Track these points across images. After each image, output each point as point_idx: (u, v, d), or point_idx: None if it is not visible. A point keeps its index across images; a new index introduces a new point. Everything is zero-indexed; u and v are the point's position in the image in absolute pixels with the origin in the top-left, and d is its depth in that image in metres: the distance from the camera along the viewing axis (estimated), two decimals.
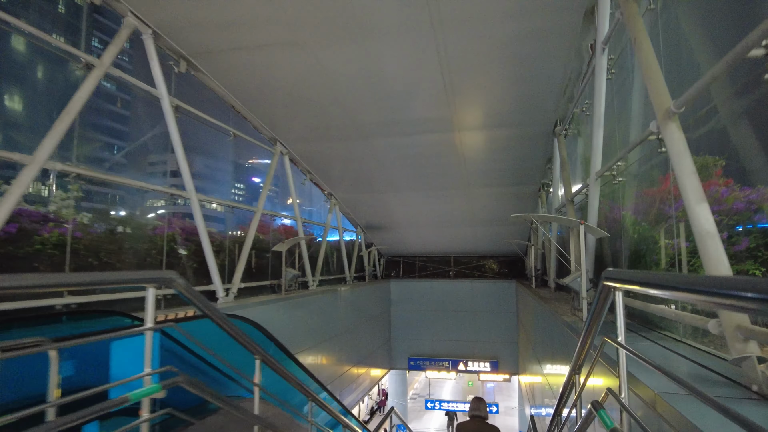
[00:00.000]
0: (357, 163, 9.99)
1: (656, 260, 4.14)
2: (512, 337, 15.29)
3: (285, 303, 8.14)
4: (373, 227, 14.60)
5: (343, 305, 11.11)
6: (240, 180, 7.44)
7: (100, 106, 5.26)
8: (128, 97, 6.50)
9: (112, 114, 12.66)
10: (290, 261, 9.30)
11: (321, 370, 9.55)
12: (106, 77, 5.22)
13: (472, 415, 5.53)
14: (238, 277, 7.61)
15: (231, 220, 8.60)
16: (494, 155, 9.23)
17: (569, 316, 5.06)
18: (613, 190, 5.55)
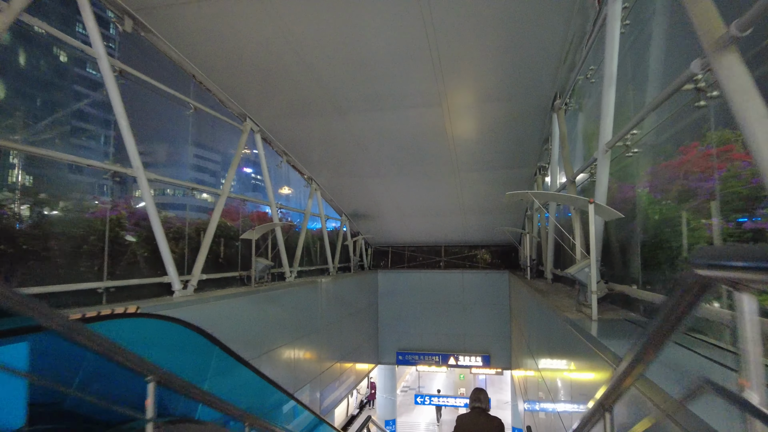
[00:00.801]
0: (337, 144, 9.13)
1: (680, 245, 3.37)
2: (504, 330, 14.60)
3: (254, 297, 7.32)
4: (358, 215, 13.78)
5: (325, 298, 10.32)
6: (206, 160, 6.71)
7: (27, 69, 4.48)
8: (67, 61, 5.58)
9: (40, 79, 11.58)
10: (262, 250, 8.47)
11: (298, 368, 8.77)
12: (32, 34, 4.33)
13: (473, 406, 5.19)
14: (198, 267, 6.77)
15: (195, 205, 7.73)
16: (486, 134, 8.42)
17: (573, 312, 4.29)
18: (624, 165, 4.76)
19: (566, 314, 4.17)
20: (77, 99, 5.51)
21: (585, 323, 3.70)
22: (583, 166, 5.50)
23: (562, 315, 4.33)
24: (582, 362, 3.57)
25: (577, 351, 3.73)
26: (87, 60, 5.42)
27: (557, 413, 4.95)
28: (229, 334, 6.56)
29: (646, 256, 3.94)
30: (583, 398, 3.50)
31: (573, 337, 3.79)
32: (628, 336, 3.20)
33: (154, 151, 6.59)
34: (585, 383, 3.50)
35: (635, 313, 4.09)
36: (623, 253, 4.57)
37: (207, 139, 8.16)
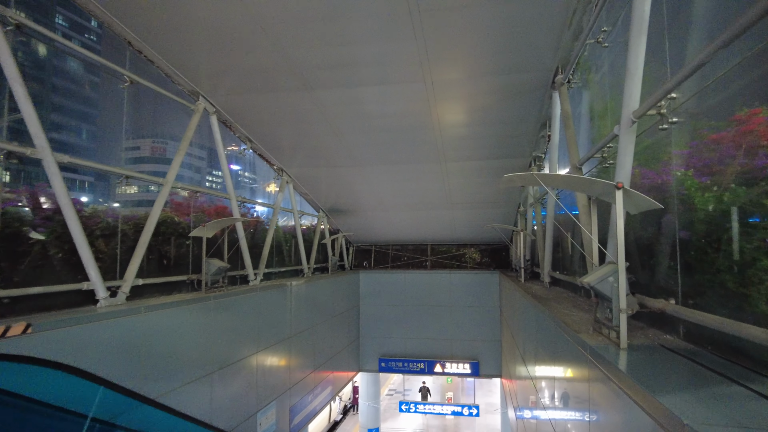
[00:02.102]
0: (308, 129, 8.03)
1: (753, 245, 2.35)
2: (494, 335, 13.63)
3: (204, 305, 6.21)
4: (337, 211, 12.68)
5: (295, 303, 9.22)
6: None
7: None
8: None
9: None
10: (214, 249, 7.34)
11: (261, 384, 7.67)
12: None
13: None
14: (132, 270, 5.64)
15: (136, 198, 6.59)
16: (475, 116, 7.38)
17: (591, 334, 3.27)
18: (648, 145, 3.75)
19: (582, 337, 3.15)
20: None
21: (610, 352, 2.67)
22: (597, 147, 4.47)
23: (575, 337, 3.30)
24: (610, 411, 2.55)
25: (601, 390, 2.71)
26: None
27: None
28: (168, 352, 5.46)
29: (689, 261, 2.92)
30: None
31: (597, 374, 2.77)
32: (679, 376, 2.19)
33: (74, 128, 5.43)
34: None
35: (671, 336, 3.09)
36: (651, 258, 3.56)
37: (153, 119, 7.02)
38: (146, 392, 4.97)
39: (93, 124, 4.96)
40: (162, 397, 5.22)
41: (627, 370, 2.29)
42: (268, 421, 7.89)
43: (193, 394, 5.88)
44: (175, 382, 5.51)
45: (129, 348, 4.85)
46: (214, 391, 6.33)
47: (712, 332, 2.62)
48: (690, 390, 1.97)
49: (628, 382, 2.13)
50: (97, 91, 5.00)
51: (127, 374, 4.79)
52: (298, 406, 9.22)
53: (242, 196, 8.62)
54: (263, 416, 7.72)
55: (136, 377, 4.90)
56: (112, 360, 4.64)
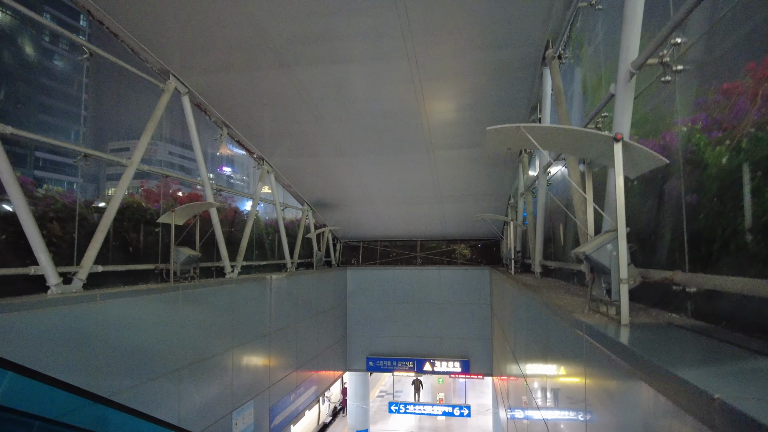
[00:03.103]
0: (288, 114, 7.61)
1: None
2: (485, 332, 13.26)
3: (171, 295, 5.76)
4: (323, 204, 12.26)
5: (277, 298, 8.78)
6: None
7: None
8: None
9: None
10: (183, 237, 6.90)
11: (237, 382, 7.23)
12: None
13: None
14: (90, 256, 5.18)
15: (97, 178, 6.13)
16: (463, 98, 7.02)
17: (586, 314, 2.89)
18: (651, 110, 3.39)
19: (577, 316, 2.76)
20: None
21: (610, 330, 2.29)
22: (591, 115, 4.11)
23: (569, 318, 2.92)
24: (614, 396, 2.17)
25: (602, 374, 2.32)
26: None
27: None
28: (128, 345, 5.01)
29: (698, 228, 2.55)
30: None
31: (593, 353, 2.39)
32: (695, 352, 1.81)
33: (21, 97, 4.98)
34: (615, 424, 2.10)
35: (678, 315, 2.71)
36: (653, 232, 3.19)
37: (119, 97, 6.59)
38: (99, 389, 4.51)
39: (54, 95, 4.57)
40: (119, 394, 4.77)
41: (633, 346, 1.91)
42: (245, 422, 7.44)
43: (157, 391, 5.43)
44: (135, 378, 5.06)
45: (80, 340, 4.40)
46: (183, 388, 5.88)
47: (728, 306, 2.25)
48: (711, 365, 1.59)
49: (637, 357, 1.75)
50: (55, 61, 4.65)
51: (77, 368, 4.35)
52: (279, 406, 8.78)
53: (219, 184, 8.18)
54: (239, 416, 7.27)
55: (87, 372, 4.45)
56: (59, 352, 4.19)
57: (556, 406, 3.71)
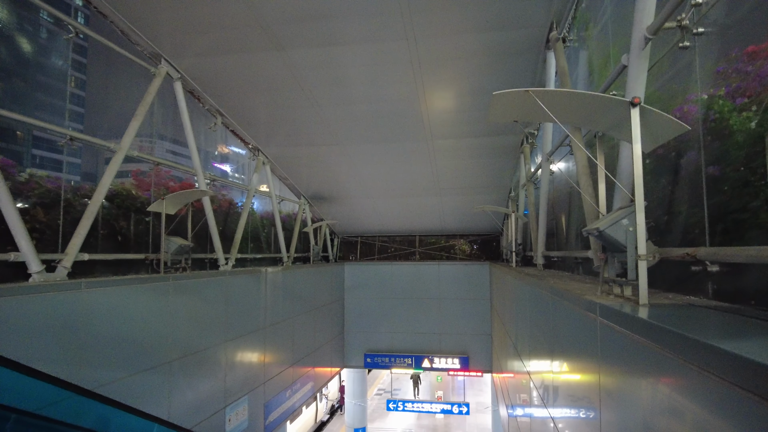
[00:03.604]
0: (284, 102, 7.40)
1: None
2: (485, 329, 13.06)
3: (161, 286, 5.55)
4: (320, 198, 12.05)
5: (272, 291, 8.58)
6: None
7: None
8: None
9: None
10: (178, 228, 6.69)
11: (230, 377, 7.02)
12: None
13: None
14: (76, 243, 4.97)
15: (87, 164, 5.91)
16: (463, 84, 6.81)
17: (598, 296, 2.69)
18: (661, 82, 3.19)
19: (588, 298, 2.56)
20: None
21: (628, 310, 2.09)
22: (603, 87, 3.91)
23: (579, 301, 2.72)
24: (636, 384, 1.97)
25: (621, 360, 2.12)
26: None
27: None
28: (115, 336, 4.80)
29: (721, 202, 2.36)
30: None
31: (609, 337, 2.19)
32: (729, 327, 1.62)
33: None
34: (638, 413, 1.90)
35: (698, 297, 2.52)
36: (668, 210, 2.99)
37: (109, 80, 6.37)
38: (82, 381, 4.30)
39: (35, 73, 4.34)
40: (104, 387, 4.56)
41: (661, 323, 1.71)
42: (238, 417, 7.23)
43: (146, 385, 5.22)
44: (122, 370, 4.85)
45: (62, 329, 4.19)
46: (173, 382, 5.68)
47: (757, 283, 2.06)
48: (751, 338, 1.39)
49: (670, 334, 1.54)
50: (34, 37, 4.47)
51: (58, 359, 4.14)
52: (274, 403, 8.57)
53: (212, 174, 7.97)
54: (233, 412, 7.07)
55: (69, 363, 4.24)
56: (38, 342, 3.98)
57: (564, 401, 3.51)
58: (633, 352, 1.90)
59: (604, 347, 2.32)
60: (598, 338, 2.40)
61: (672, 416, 1.56)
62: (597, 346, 2.45)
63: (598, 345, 2.42)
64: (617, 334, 2.05)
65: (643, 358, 1.80)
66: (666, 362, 1.56)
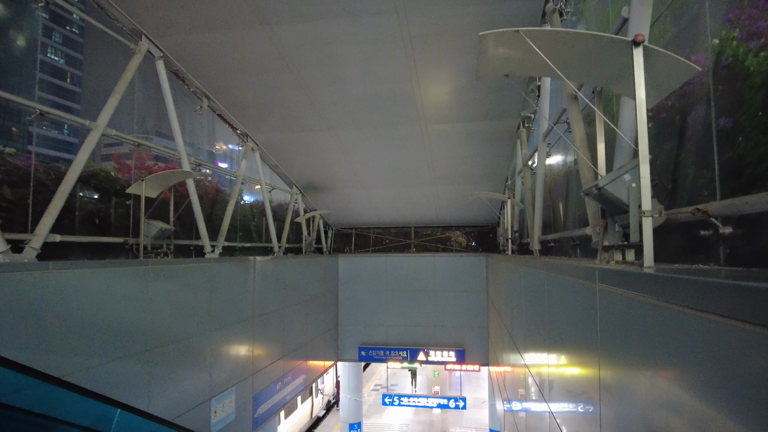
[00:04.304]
0: (266, 77, 7.13)
1: None
2: (481, 321, 12.84)
3: (139, 270, 5.28)
4: (313, 187, 11.78)
5: (261, 281, 8.32)
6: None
7: None
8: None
9: None
10: (161, 212, 6.43)
11: (216, 368, 6.77)
12: None
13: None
14: (46, 223, 4.70)
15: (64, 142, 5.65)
16: (458, 62, 6.54)
17: (597, 263, 2.44)
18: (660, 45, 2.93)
19: (586, 264, 2.32)
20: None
21: (633, 272, 1.84)
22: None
23: (575, 270, 2.48)
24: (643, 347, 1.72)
25: (625, 327, 1.87)
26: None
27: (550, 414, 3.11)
28: (88, 321, 4.54)
29: (734, 156, 2.11)
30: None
31: (611, 304, 1.94)
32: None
33: None
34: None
35: (708, 265, 2.27)
36: (673, 173, 2.74)
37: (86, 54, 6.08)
38: (49, 368, 4.05)
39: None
40: (74, 374, 4.30)
41: (671, 275, 1.46)
42: (225, 410, 6.99)
43: (122, 373, 4.96)
44: (95, 358, 4.59)
45: (25, 312, 3.93)
46: (153, 372, 5.42)
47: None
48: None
49: (682, 284, 1.30)
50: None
51: (20, 344, 3.88)
52: (264, 395, 8.33)
53: (198, 158, 7.70)
54: (219, 403, 6.82)
55: (34, 348, 3.98)
56: (1, 324, 3.73)
57: (562, 384, 3.27)
58: (636, 315, 1.65)
59: (605, 316, 2.08)
60: (598, 307, 2.15)
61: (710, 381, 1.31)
62: (596, 315, 2.20)
63: (598, 313, 2.17)
64: (619, 298, 1.81)
65: (648, 321, 1.55)
66: (680, 320, 1.32)
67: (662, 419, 1.45)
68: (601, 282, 2.04)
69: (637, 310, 1.63)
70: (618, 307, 1.85)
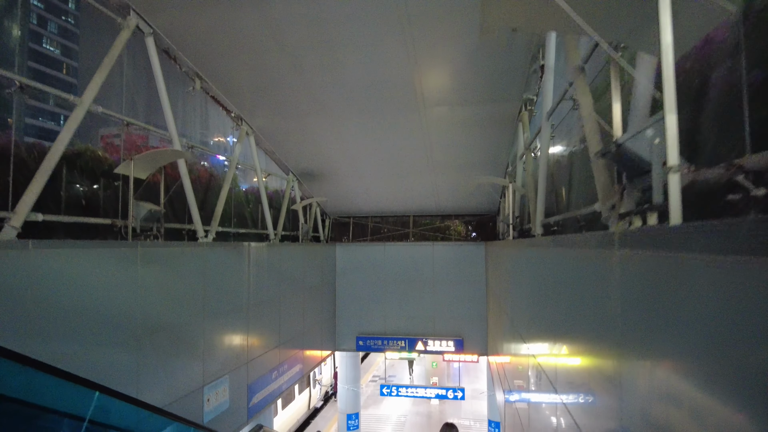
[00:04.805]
0: (259, 56, 6.87)
1: None
2: (480, 311, 12.68)
3: (127, 253, 5.07)
4: (309, 175, 11.55)
5: (256, 268, 8.12)
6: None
7: None
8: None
9: None
10: (151, 194, 6.21)
11: (209, 355, 6.60)
12: None
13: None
14: (27, 202, 4.48)
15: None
16: (457, 42, 6.31)
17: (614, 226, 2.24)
18: None
19: (600, 232, 2.12)
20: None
21: (660, 229, 1.64)
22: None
23: (587, 240, 2.28)
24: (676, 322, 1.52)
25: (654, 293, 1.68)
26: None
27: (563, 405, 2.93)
28: (73, 305, 4.34)
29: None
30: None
31: (635, 270, 1.74)
32: None
33: None
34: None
35: None
36: (692, 141, 2.53)
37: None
38: (28, 353, 3.85)
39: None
40: (57, 361, 4.11)
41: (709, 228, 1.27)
42: (218, 398, 6.82)
43: (109, 360, 4.77)
44: (80, 343, 4.40)
45: (4, 294, 3.73)
46: (142, 358, 5.23)
47: None
48: None
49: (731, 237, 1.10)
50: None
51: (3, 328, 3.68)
52: (259, 384, 8.16)
53: (189, 141, 7.46)
54: (212, 392, 6.65)
55: (13, 332, 3.78)
56: None
57: (573, 374, 3.08)
58: (672, 281, 1.45)
59: (626, 290, 1.87)
60: (617, 281, 1.95)
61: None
62: (615, 291, 2.00)
63: (617, 290, 1.97)
64: (647, 264, 1.60)
65: (690, 287, 1.35)
66: (744, 280, 1.12)
67: (707, 408, 1.25)
68: (622, 247, 1.84)
69: (672, 273, 1.44)
70: (645, 275, 1.65)
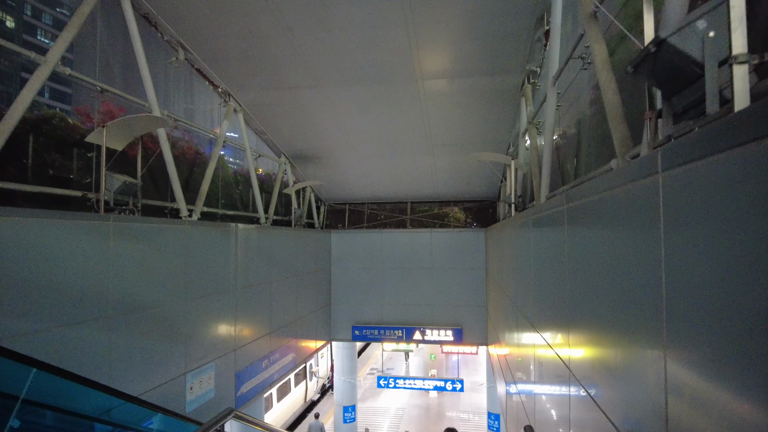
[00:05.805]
0: (245, 19, 6.44)
1: None
2: (480, 299, 12.30)
3: (99, 226, 4.66)
4: (303, 157, 11.12)
5: (245, 251, 7.72)
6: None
7: None
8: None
9: None
10: (126, 166, 5.79)
11: (193, 340, 6.20)
12: None
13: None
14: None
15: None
16: (457, 6, 5.88)
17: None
18: None
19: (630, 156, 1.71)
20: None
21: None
22: None
23: (627, 164, 1.87)
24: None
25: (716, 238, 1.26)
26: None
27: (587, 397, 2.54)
28: (35, 279, 3.93)
29: None
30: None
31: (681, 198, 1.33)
32: None
33: None
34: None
35: None
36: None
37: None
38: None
39: None
40: (15, 338, 3.70)
41: None
42: (202, 386, 6.43)
43: (76, 340, 4.37)
44: (42, 321, 3.99)
45: None
46: (115, 340, 4.83)
47: None
48: None
49: None
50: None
51: None
52: (247, 373, 7.77)
53: (174, 115, 7.02)
54: (195, 379, 6.26)
55: None
56: None
57: (595, 361, 2.69)
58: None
59: (671, 223, 1.46)
60: (661, 216, 1.53)
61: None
62: (659, 229, 1.58)
63: (661, 228, 1.55)
64: (711, 178, 1.19)
65: None
66: None
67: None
68: (667, 169, 1.42)
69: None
70: (706, 199, 1.24)
